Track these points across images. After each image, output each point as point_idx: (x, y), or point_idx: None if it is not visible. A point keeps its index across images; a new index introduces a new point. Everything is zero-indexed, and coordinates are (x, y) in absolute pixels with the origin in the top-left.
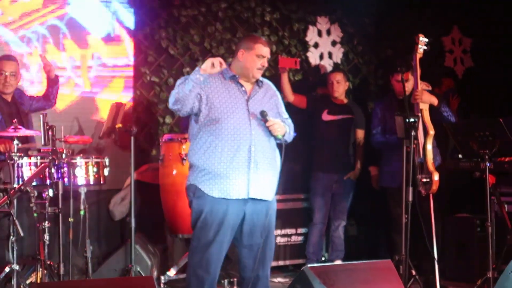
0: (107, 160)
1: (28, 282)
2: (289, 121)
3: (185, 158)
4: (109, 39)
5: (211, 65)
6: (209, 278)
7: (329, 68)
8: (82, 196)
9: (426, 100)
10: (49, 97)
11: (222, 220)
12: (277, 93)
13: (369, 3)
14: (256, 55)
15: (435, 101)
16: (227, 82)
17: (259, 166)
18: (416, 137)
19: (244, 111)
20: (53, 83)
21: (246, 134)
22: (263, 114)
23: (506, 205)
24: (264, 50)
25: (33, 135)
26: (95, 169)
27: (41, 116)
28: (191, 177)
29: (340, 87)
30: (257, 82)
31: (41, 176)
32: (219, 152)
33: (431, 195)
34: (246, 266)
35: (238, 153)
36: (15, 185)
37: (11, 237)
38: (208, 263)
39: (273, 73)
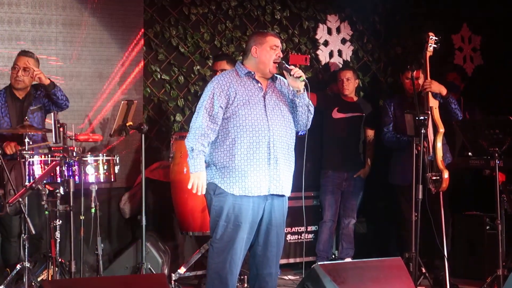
0: (117, 158)
1: (39, 279)
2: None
3: None
4: None
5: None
6: (233, 279)
7: (339, 66)
8: (93, 194)
9: (435, 89)
10: (57, 103)
11: (245, 216)
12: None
13: (379, 1)
14: (270, 47)
15: (444, 90)
16: (242, 79)
17: (279, 161)
18: (426, 135)
19: (261, 107)
20: (50, 88)
21: (264, 130)
22: (281, 66)
23: None
24: (276, 41)
25: (41, 132)
26: (105, 167)
27: (52, 114)
28: (209, 175)
29: (350, 84)
30: (272, 77)
31: (52, 174)
32: (239, 149)
33: (441, 193)
34: (260, 263)
35: (258, 149)
36: (27, 183)
37: (23, 234)
38: (232, 263)
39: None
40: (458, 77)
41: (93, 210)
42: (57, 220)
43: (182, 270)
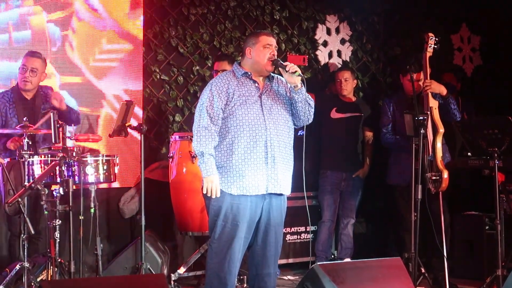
0: (117, 158)
1: (38, 279)
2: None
3: (194, 156)
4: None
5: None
6: (231, 279)
7: (338, 66)
8: (92, 194)
9: (435, 89)
10: (68, 120)
11: (243, 216)
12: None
13: (378, 1)
14: (263, 46)
15: (443, 90)
16: (240, 79)
17: (276, 160)
18: (425, 135)
19: (258, 107)
20: (64, 114)
21: (262, 129)
22: (277, 64)
23: None
24: (269, 39)
25: (42, 133)
26: (105, 167)
27: (51, 114)
28: None
29: (348, 85)
30: (268, 77)
31: (51, 174)
32: (236, 149)
33: (440, 193)
34: (259, 263)
35: (255, 148)
36: (26, 183)
37: (22, 234)
38: (230, 262)
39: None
40: (454, 77)
41: (92, 210)
42: (57, 220)
43: (181, 270)
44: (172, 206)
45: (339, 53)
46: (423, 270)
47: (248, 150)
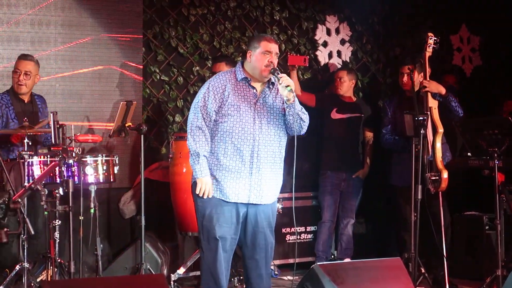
0: (117, 159)
1: (38, 280)
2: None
3: None
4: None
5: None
6: (223, 278)
7: (338, 67)
8: (92, 194)
9: (433, 89)
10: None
11: (227, 217)
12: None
13: (377, 2)
14: (262, 52)
15: (442, 90)
16: (239, 83)
17: (261, 171)
18: (425, 135)
19: (251, 115)
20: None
21: (250, 139)
22: (273, 73)
23: None
24: (269, 46)
25: (43, 132)
26: (105, 168)
27: (51, 114)
28: (193, 175)
29: (343, 85)
30: (268, 83)
31: (51, 175)
32: (222, 155)
33: (440, 193)
34: (250, 266)
35: (241, 157)
36: (26, 184)
37: (22, 235)
38: (222, 263)
39: (282, 72)
40: (455, 79)
41: (92, 211)
42: (56, 220)
43: (181, 270)
44: (172, 207)
45: (339, 53)
46: (423, 270)
47: (233, 158)
